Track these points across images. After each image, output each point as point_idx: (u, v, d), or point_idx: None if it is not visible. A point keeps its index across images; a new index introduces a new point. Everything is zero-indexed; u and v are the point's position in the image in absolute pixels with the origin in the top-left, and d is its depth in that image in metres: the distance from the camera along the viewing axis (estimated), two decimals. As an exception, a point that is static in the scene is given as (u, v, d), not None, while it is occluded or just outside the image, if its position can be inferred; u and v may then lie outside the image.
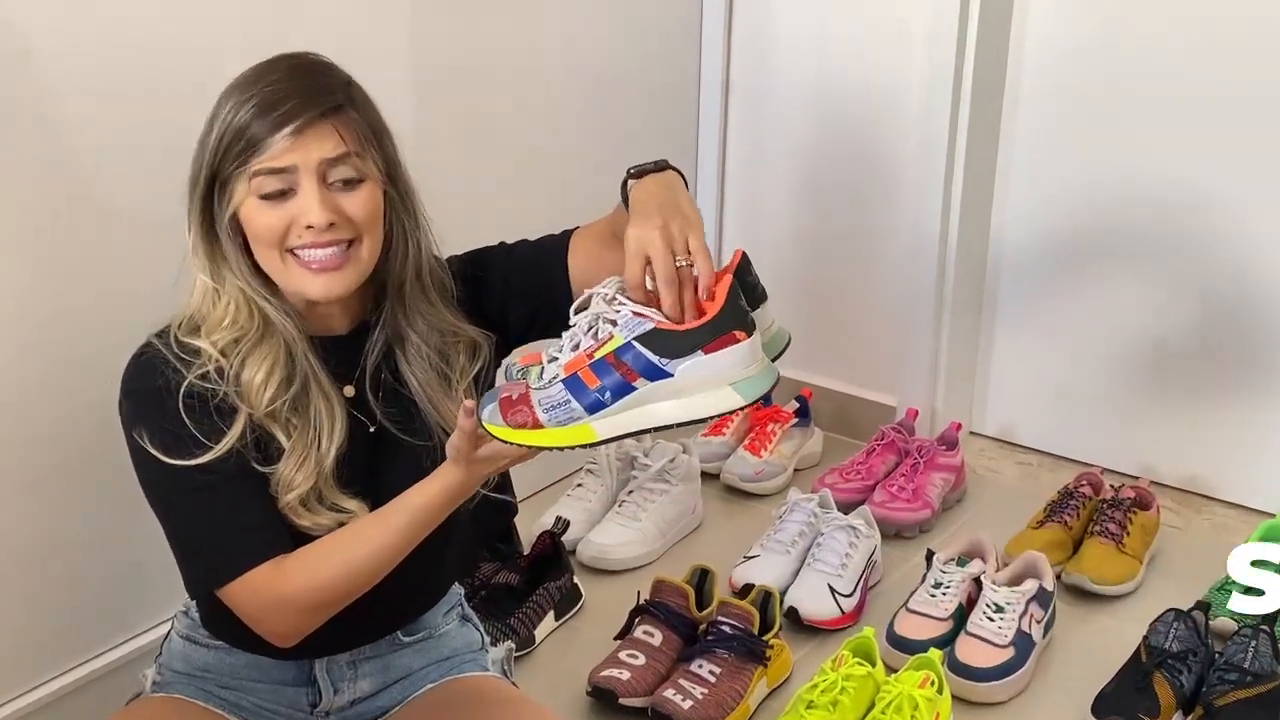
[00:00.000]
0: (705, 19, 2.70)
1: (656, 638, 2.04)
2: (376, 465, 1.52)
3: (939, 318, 2.67)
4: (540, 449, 1.36)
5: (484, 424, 1.37)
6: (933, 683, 1.91)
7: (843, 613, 2.20)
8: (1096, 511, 2.40)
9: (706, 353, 1.33)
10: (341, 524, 1.47)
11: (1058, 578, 2.27)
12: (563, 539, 2.28)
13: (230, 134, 1.40)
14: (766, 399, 2.77)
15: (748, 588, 2.16)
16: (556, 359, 1.38)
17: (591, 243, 1.58)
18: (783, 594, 2.19)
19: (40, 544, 1.83)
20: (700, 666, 1.99)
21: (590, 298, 1.40)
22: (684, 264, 1.36)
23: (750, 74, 2.74)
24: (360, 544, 1.45)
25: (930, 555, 2.21)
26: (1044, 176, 2.61)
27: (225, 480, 1.44)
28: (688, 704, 1.92)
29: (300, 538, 1.47)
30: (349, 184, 1.43)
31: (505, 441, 1.37)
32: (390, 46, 2.12)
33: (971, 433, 2.81)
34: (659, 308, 1.36)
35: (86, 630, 1.93)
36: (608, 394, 1.34)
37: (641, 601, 2.09)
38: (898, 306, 2.71)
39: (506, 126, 2.35)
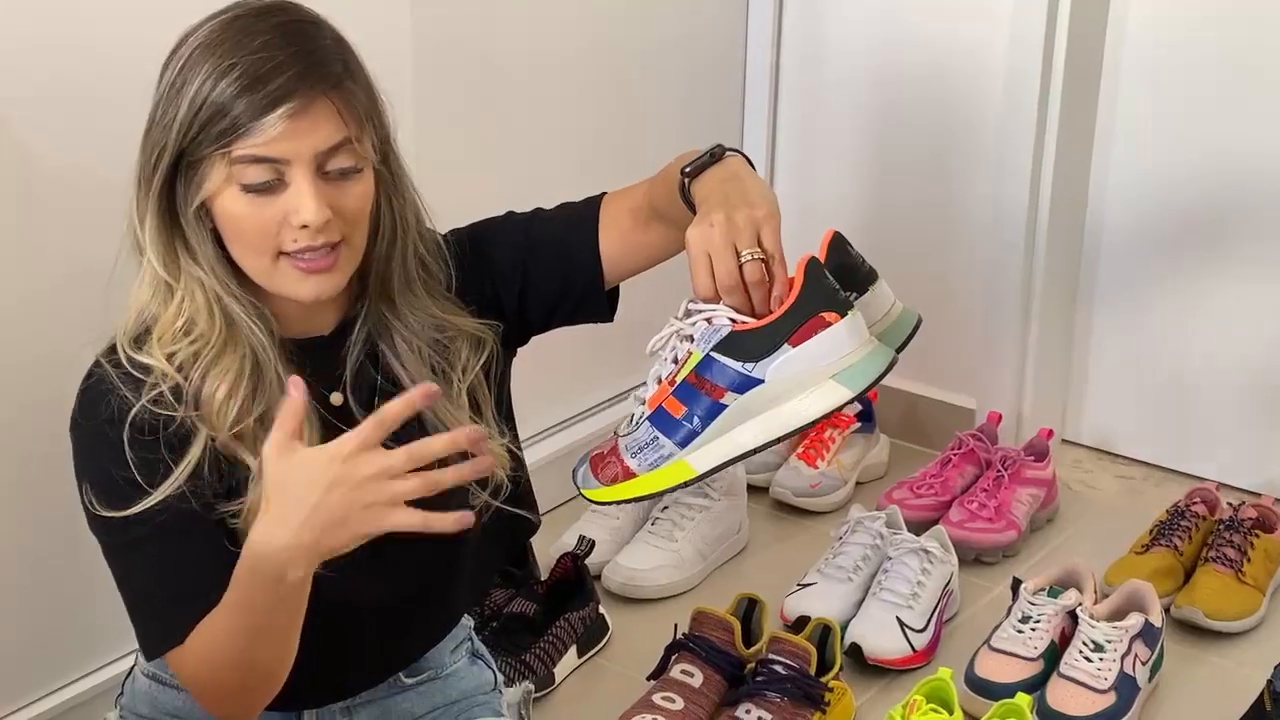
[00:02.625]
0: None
1: (696, 678, 2.04)
2: None
3: (1026, 307, 2.68)
4: (635, 500, 1.37)
5: (581, 491, 1.38)
6: None
7: (914, 650, 2.20)
8: (1212, 534, 2.40)
9: (794, 345, 1.33)
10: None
11: (1166, 611, 2.26)
12: (587, 562, 2.28)
13: (208, 110, 1.36)
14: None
15: (803, 621, 2.16)
16: (640, 399, 1.38)
17: (626, 218, 1.58)
18: (844, 628, 2.19)
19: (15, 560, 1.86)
20: (748, 712, 1.99)
21: (671, 329, 1.41)
22: (751, 257, 1.36)
23: (804, 27, 2.75)
24: (219, 627, 1.41)
25: (1017, 584, 2.21)
26: (1151, 146, 2.61)
27: (173, 531, 1.42)
28: (732, 756, 1.94)
29: None
30: (346, 174, 1.41)
31: (606, 503, 1.37)
32: (393, 22, 2.15)
33: (1064, 441, 2.83)
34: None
35: (36, 664, 1.94)
36: (696, 420, 1.34)
37: (679, 636, 2.10)
38: (978, 294, 2.71)
39: (522, 79, 2.38)
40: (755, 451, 1.35)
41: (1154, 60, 2.57)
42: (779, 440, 1.35)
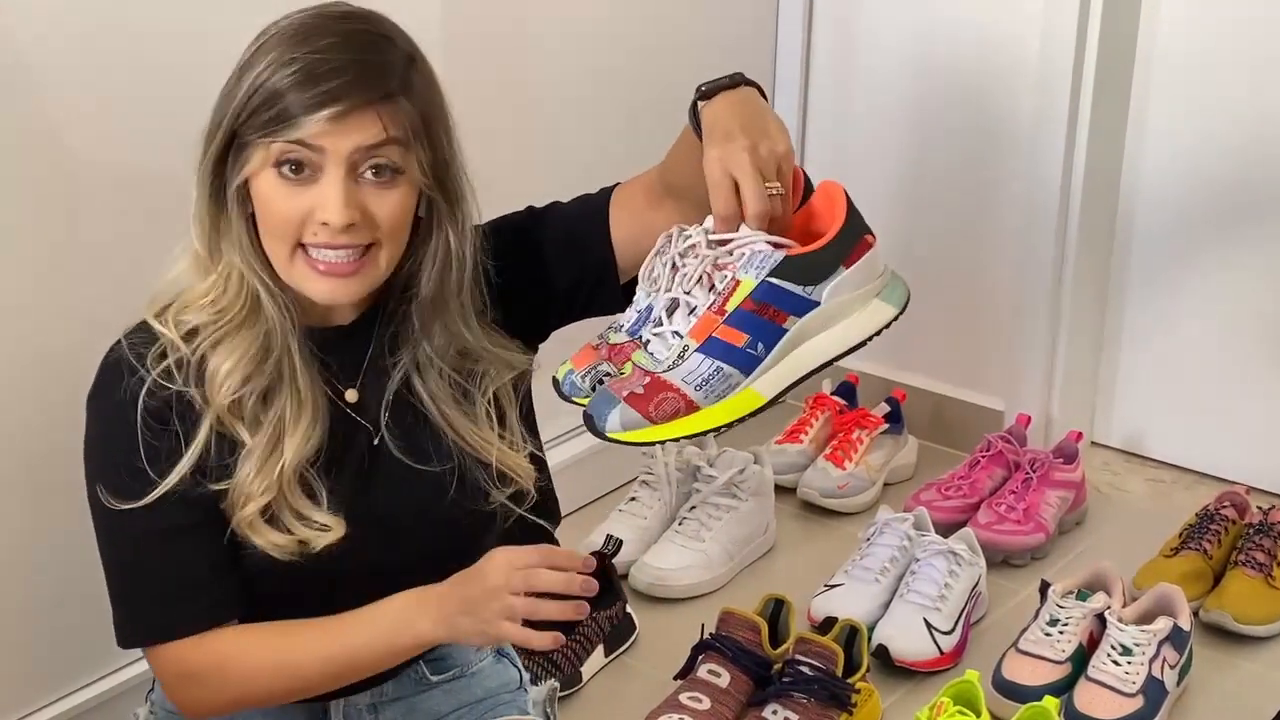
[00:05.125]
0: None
1: (723, 678, 2.04)
2: (371, 483, 1.51)
3: (1056, 306, 2.68)
4: (701, 434, 1.36)
5: (619, 436, 1.35)
6: None
7: (941, 652, 2.20)
8: (1241, 538, 2.39)
9: (846, 266, 1.36)
10: (304, 544, 1.46)
11: (1195, 615, 2.27)
12: (614, 562, 2.28)
13: (260, 96, 1.39)
14: (851, 396, 2.77)
15: (830, 622, 2.16)
16: (661, 335, 1.37)
17: (638, 200, 1.57)
18: (870, 629, 2.20)
19: (11, 566, 1.86)
20: (775, 713, 1.99)
21: (664, 263, 1.40)
22: (776, 192, 1.37)
23: (836, 13, 2.76)
24: (307, 657, 1.49)
25: (1045, 587, 2.21)
26: (1186, 132, 2.61)
27: (176, 524, 1.45)
28: (759, 757, 1.95)
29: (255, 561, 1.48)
30: (380, 176, 1.42)
31: (660, 441, 1.36)
32: (424, 16, 2.13)
33: (1093, 443, 2.82)
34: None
35: (68, 661, 1.95)
36: (759, 346, 1.35)
37: (706, 636, 2.09)
38: (1007, 292, 2.71)
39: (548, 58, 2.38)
40: (814, 373, 1.37)
41: (1188, 40, 2.56)
42: (834, 362, 1.38)
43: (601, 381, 1.41)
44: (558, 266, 1.59)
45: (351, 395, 1.51)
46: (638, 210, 1.57)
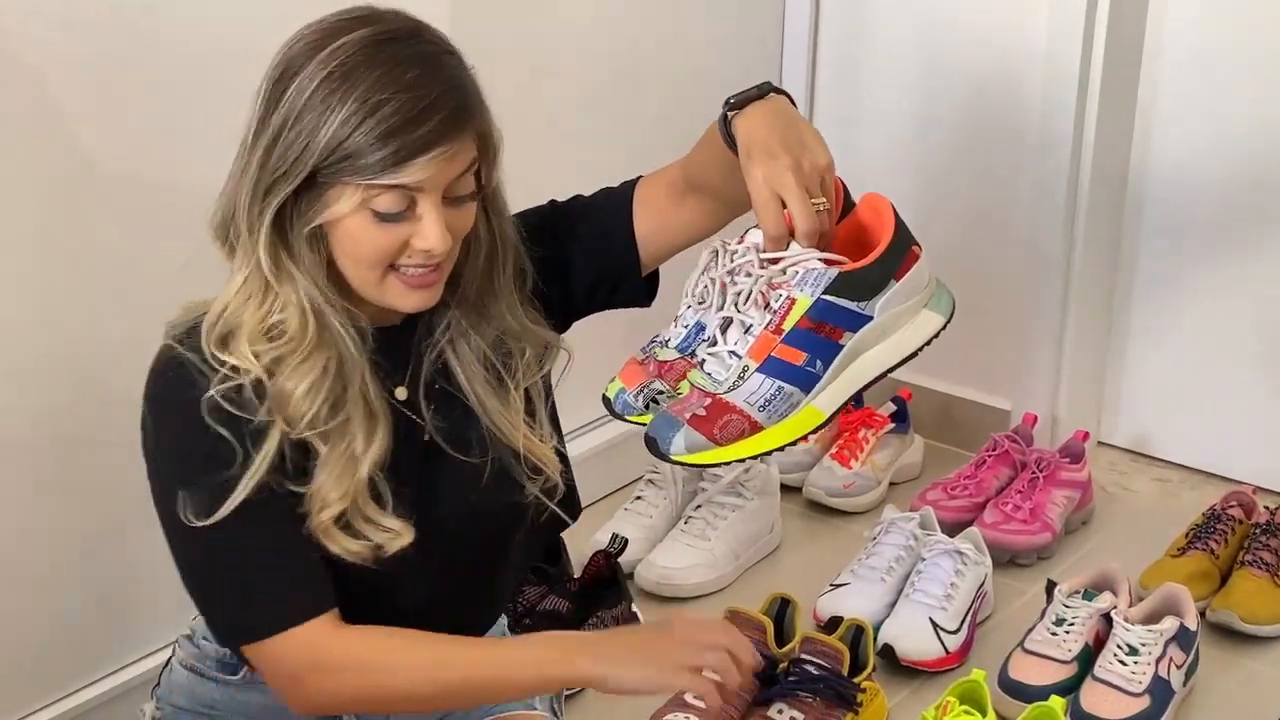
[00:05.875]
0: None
1: None
2: (428, 480, 1.52)
3: (1063, 306, 2.68)
4: (765, 454, 1.38)
5: (684, 459, 1.37)
6: None
7: (947, 652, 2.21)
8: (1248, 538, 2.39)
9: (898, 279, 1.39)
10: (379, 548, 1.46)
11: (1201, 615, 2.26)
12: (620, 560, 2.29)
13: (353, 142, 1.36)
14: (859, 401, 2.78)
15: (835, 621, 2.17)
16: (717, 355, 1.38)
17: (661, 195, 1.59)
18: (876, 629, 2.20)
19: (16, 565, 1.86)
20: (780, 712, 2.00)
21: (712, 281, 1.41)
22: (823, 207, 1.38)
23: (844, 10, 2.77)
24: (454, 664, 1.47)
25: (1051, 586, 2.21)
26: (1194, 131, 2.61)
27: (266, 521, 1.43)
28: (765, 756, 1.95)
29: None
30: (463, 199, 1.43)
31: (723, 463, 1.38)
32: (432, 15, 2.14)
33: (1100, 443, 2.83)
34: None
35: (69, 660, 1.96)
36: (818, 363, 1.36)
37: None
38: (1014, 292, 2.71)
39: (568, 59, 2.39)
40: (869, 386, 1.40)
41: (1193, 51, 2.57)
42: (890, 371, 1.40)
43: (655, 400, 1.42)
44: (582, 260, 1.60)
45: (401, 393, 1.52)
46: (661, 206, 1.58)
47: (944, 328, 1.43)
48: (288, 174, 1.38)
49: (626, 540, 2.34)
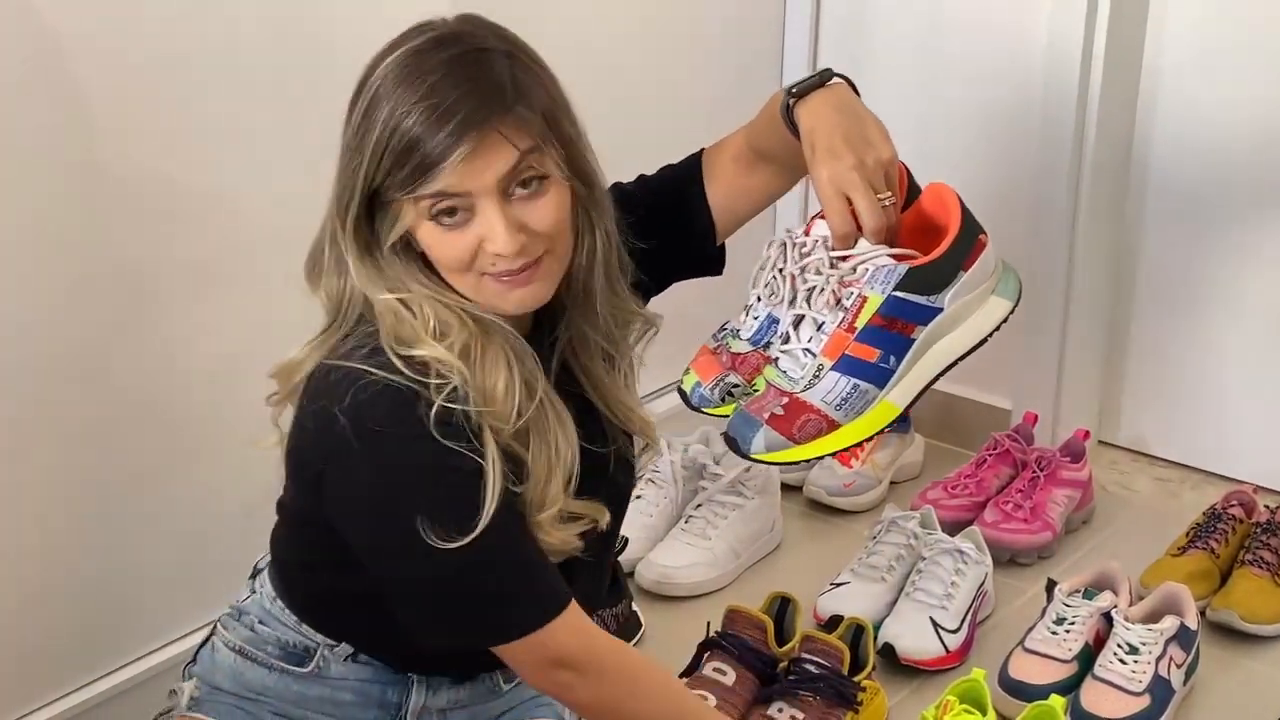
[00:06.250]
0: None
1: (729, 676, 2.04)
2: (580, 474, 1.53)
3: (1064, 308, 2.68)
4: (842, 450, 1.41)
5: (764, 457, 1.39)
6: None
7: (947, 651, 2.21)
8: (1249, 537, 2.40)
9: (966, 269, 1.41)
10: (586, 534, 1.50)
11: (1202, 614, 2.26)
12: (620, 559, 2.30)
13: (390, 155, 1.39)
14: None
15: (836, 620, 2.17)
16: (791, 353, 1.39)
17: (728, 166, 1.62)
18: (877, 628, 2.20)
19: (41, 552, 1.88)
20: (780, 711, 2.00)
21: (782, 276, 1.43)
22: (889, 202, 1.40)
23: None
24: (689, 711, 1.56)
25: (1051, 585, 2.22)
26: (1196, 128, 2.60)
27: (511, 522, 1.44)
28: (765, 755, 1.96)
29: None
30: (528, 187, 1.42)
31: (802, 461, 1.40)
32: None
33: (1101, 442, 2.82)
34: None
35: (76, 652, 1.96)
36: (891, 359, 1.39)
37: (712, 634, 2.10)
38: (1015, 294, 2.71)
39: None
40: (941, 375, 1.42)
41: (1195, 50, 2.57)
42: (961, 359, 1.42)
43: (730, 393, 1.45)
44: (662, 235, 1.61)
45: None
46: (730, 175, 1.61)
47: (1012, 311, 1.45)
48: (352, 195, 1.43)
49: (627, 539, 2.34)
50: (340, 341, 1.47)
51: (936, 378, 1.42)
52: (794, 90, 1.47)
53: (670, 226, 1.62)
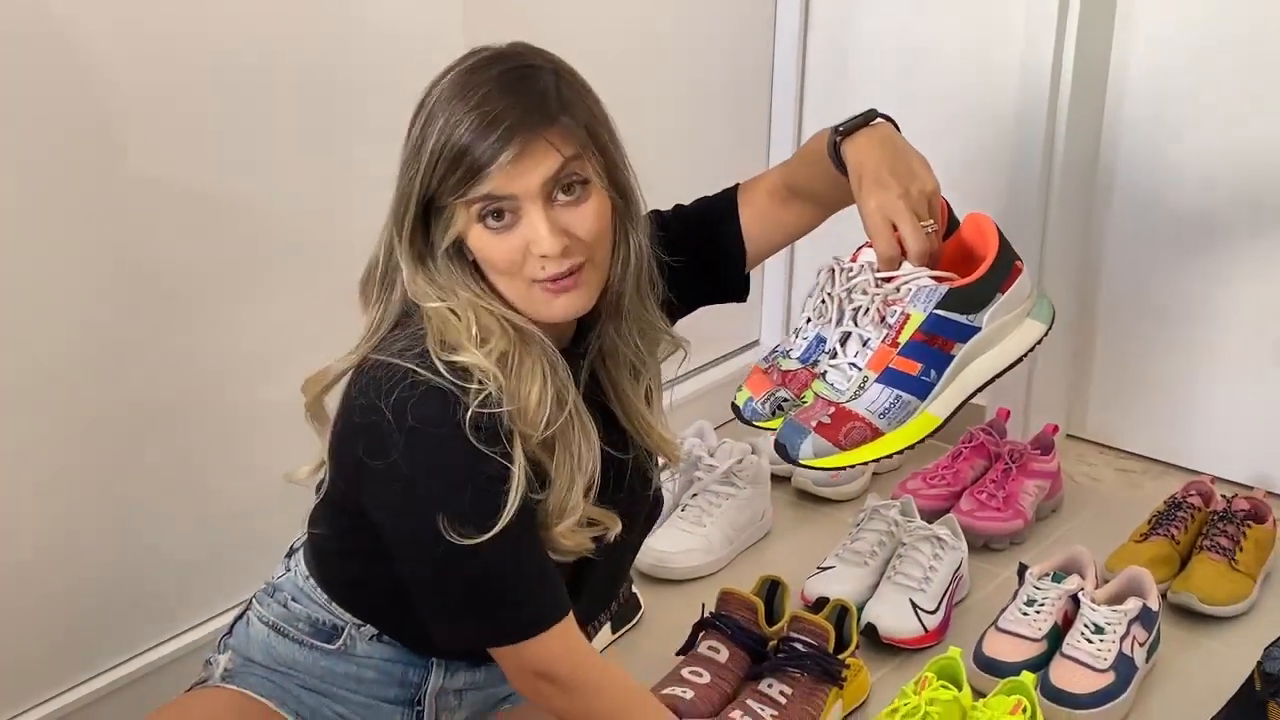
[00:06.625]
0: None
1: (722, 654, 2.05)
2: (601, 481, 1.52)
3: (1034, 310, 2.67)
4: (885, 457, 1.41)
5: (813, 463, 1.40)
6: (1025, 709, 1.91)
7: (926, 630, 2.21)
8: (1206, 524, 2.40)
9: (1003, 292, 1.42)
10: (598, 539, 1.49)
11: (1163, 596, 2.27)
12: None
13: (444, 164, 1.40)
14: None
15: (822, 601, 2.17)
16: (838, 367, 1.40)
17: (763, 199, 1.62)
18: (860, 609, 2.20)
19: (93, 533, 1.89)
20: (770, 686, 2.00)
21: (830, 297, 1.44)
22: (932, 229, 1.42)
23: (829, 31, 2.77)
24: None
25: (1023, 569, 2.22)
26: (1159, 132, 2.60)
27: (527, 528, 1.44)
28: (756, 727, 1.96)
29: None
30: (570, 193, 1.42)
31: (848, 466, 1.41)
32: (444, 24, 2.15)
33: (1069, 436, 2.82)
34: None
35: (129, 627, 1.98)
36: (932, 372, 1.40)
37: (706, 614, 2.10)
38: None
39: None
40: (979, 390, 1.42)
41: (1159, 71, 2.57)
42: (999, 377, 1.43)
43: (781, 407, 1.46)
44: (695, 261, 1.61)
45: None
46: (764, 209, 1.62)
47: (1046, 334, 1.45)
48: (407, 204, 1.43)
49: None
50: (389, 336, 1.48)
51: (975, 392, 1.43)
52: (841, 129, 1.48)
53: (703, 253, 1.62)
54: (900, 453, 1.42)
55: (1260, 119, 2.49)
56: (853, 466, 1.41)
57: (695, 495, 2.45)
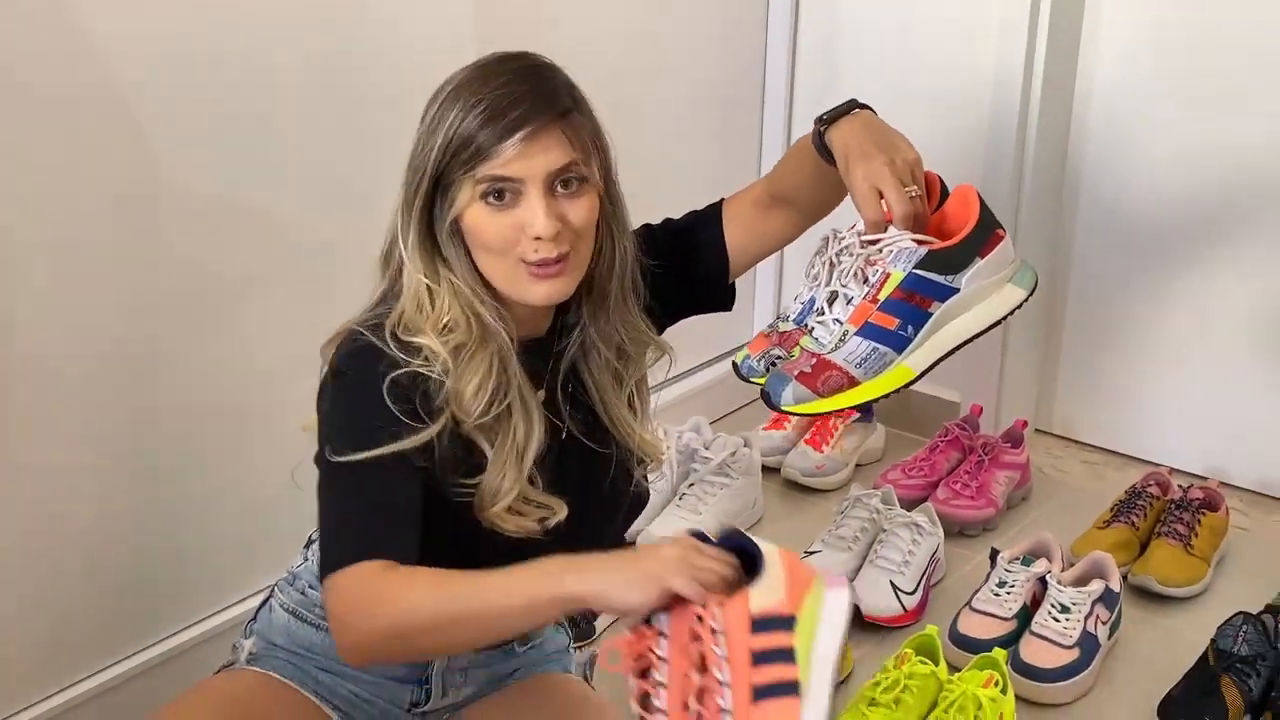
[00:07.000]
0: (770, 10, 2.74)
1: None
2: (563, 472, 1.50)
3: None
4: (862, 404, 1.39)
5: (793, 409, 1.38)
6: (996, 683, 1.92)
7: (905, 610, 2.21)
8: (1164, 512, 2.40)
9: (983, 256, 1.40)
10: (541, 522, 1.43)
11: (1124, 579, 2.27)
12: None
13: (457, 140, 1.38)
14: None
15: None
16: (823, 323, 1.39)
17: (747, 210, 1.60)
18: None
19: (130, 523, 1.88)
20: None
21: (823, 262, 1.42)
22: (916, 194, 1.40)
23: (819, 48, 2.76)
24: (473, 606, 1.31)
25: (994, 554, 2.22)
26: (1125, 144, 2.60)
27: (390, 475, 1.38)
28: (748, 699, 1.94)
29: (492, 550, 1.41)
30: (569, 187, 1.41)
31: (827, 412, 1.38)
32: (456, 41, 2.14)
33: (1037, 430, 2.82)
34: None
35: (157, 610, 1.98)
36: (909, 328, 1.38)
37: None
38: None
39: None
40: (957, 349, 1.40)
41: (1125, 83, 2.57)
42: (972, 339, 1.41)
43: (774, 364, 1.44)
44: (681, 272, 1.60)
45: (540, 395, 1.50)
46: (748, 219, 1.60)
47: (1026, 299, 1.43)
48: (420, 182, 1.41)
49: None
50: (376, 308, 1.47)
51: (953, 350, 1.41)
52: (824, 118, 1.47)
53: (689, 263, 1.60)
54: (875, 401, 1.40)
55: (1218, 127, 2.49)
56: (829, 413, 1.40)
57: (692, 485, 2.45)
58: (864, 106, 1.49)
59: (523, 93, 1.38)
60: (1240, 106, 2.47)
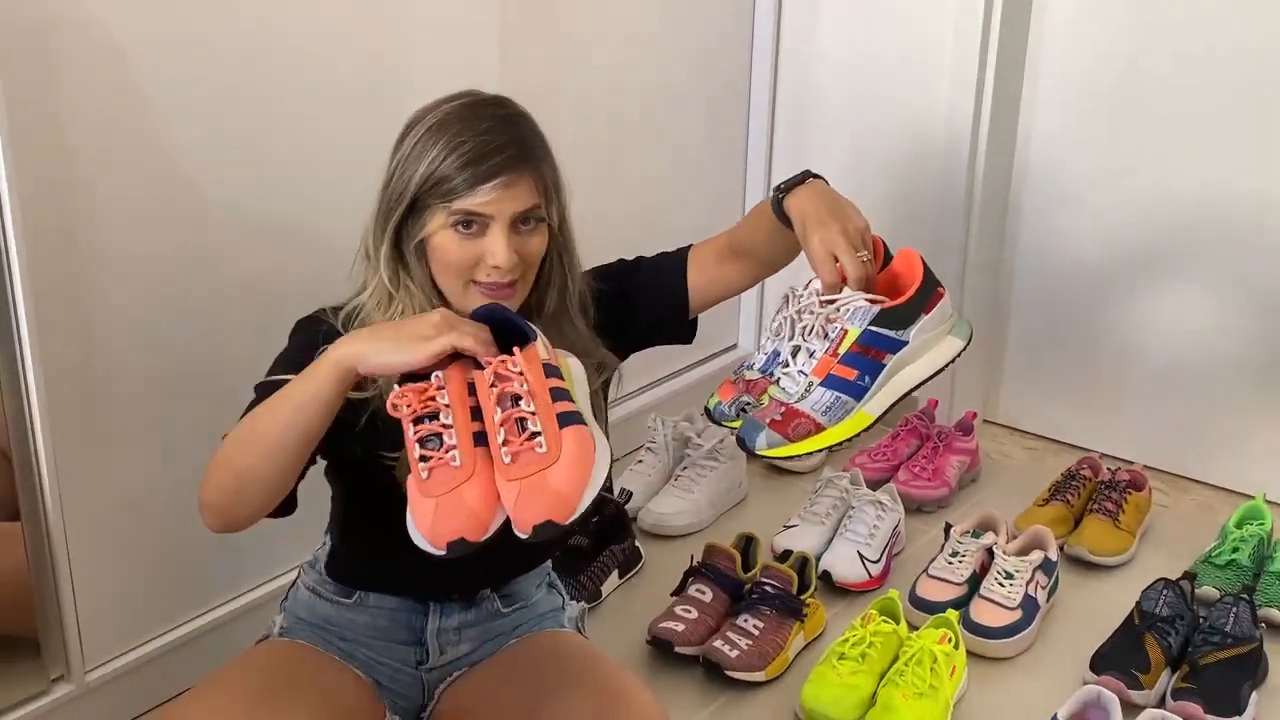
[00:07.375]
0: (755, 34, 2.71)
1: (708, 595, 2.07)
2: None
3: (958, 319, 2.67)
4: (827, 448, 1.40)
5: (766, 452, 1.39)
6: (950, 639, 1.95)
7: (870, 577, 2.24)
8: (1095, 492, 2.43)
9: (927, 312, 1.41)
10: None
11: (1061, 549, 2.30)
12: (626, 507, 2.33)
13: (439, 175, 1.41)
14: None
15: (787, 553, 2.19)
16: (789, 374, 1.41)
17: (710, 259, 1.62)
18: (818, 559, 2.23)
19: (189, 510, 1.87)
20: (745, 621, 2.03)
21: (785, 319, 1.45)
22: (866, 258, 1.41)
23: (796, 88, 2.73)
24: (270, 406, 1.34)
25: (948, 528, 2.25)
26: (1062, 167, 2.60)
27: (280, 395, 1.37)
28: (734, 653, 1.98)
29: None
30: (528, 224, 1.45)
31: (797, 456, 1.38)
32: (480, 67, 2.12)
33: (985, 420, 2.84)
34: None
35: (215, 578, 1.99)
36: (866, 378, 1.38)
37: (694, 563, 2.13)
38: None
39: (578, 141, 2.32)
40: (907, 395, 1.41)
41: (1061, 108, 2.56)
42: (920, 386, 1.42)
43: (744, 409, 1.45)
44: (645, 305, 1.63)
45: None
46: (709, 266, 1.62)
47: (964, 349, 1.44)
48: (398, 201, 1.44)
49: (631, 493, 2.38)
50: (347, 299, 1.51)
51: (904, 396, 1.42)
52: (782, 187, 1.48)
53: (653, 297, 1.62)
54: (840, 445, 1.40)
55: (1148, 159, 2.49)
56: (799, 456, 1.41)
57: (685, 468, 2.47)
58: (817, 176, 1.50)
59: (503, 142, 1.41)
60: (1160, 152, 2.48)
